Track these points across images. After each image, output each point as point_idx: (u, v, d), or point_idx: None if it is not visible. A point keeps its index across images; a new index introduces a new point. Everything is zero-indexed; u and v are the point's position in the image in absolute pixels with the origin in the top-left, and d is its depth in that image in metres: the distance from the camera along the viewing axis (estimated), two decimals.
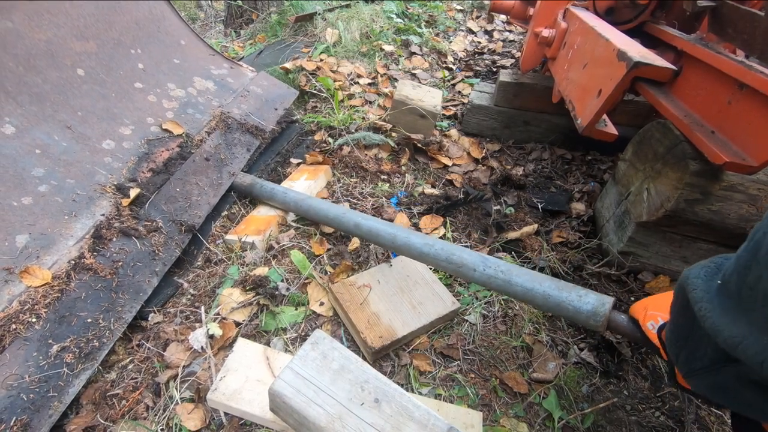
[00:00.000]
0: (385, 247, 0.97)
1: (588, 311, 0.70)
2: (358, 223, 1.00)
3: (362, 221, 0.99)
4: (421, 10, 2.40)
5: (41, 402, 0.70)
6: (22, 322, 0.75)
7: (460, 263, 0.84)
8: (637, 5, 1.21)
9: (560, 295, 0.73)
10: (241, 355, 0.78)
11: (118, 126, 1.10)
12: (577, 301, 0.71)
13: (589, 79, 1.03)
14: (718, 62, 0.81)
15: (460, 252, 0.85)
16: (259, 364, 0.77)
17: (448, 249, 0.86)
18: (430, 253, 0.87)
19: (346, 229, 1.04)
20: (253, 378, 0.75)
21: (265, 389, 0.73)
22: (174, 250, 0.98)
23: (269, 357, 0.79)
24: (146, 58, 1.26)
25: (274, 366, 0.77)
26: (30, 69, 1.00)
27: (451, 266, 0.85)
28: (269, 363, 0.78)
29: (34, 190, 0.89)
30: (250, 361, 0.77)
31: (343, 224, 1.03)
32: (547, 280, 0.77)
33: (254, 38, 2.45)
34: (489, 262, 0.82)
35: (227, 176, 1.18)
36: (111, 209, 0.95)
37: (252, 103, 1.38)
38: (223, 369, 0.76)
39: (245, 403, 0.71)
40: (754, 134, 0.73)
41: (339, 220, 1.03)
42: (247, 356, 0.78)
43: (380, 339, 0.82)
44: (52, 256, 0.84)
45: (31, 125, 0.96)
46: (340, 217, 1.03)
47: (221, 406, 0.73)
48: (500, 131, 1.68)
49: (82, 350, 0.77)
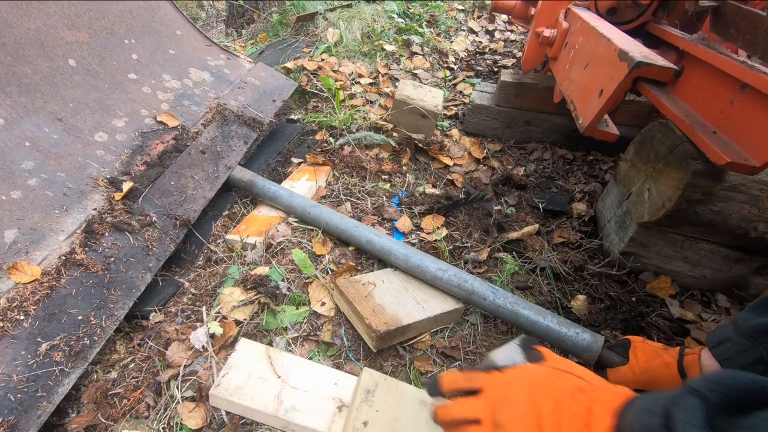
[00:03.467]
0: (397, 266, 0.99)
1: (583, 346, 0.81)
2: (371, 239, 1.01)
3: (375, 238, 1.01)
4: (423, 9, 2.38)
5: (29, 402, 0.67)
6: (10, 319, 0.72)
7: (471, 291, 0.91)
8: (639, 5, 1.21)
9: (560, 330, 0.84)
10: (244, 353, 0.78)
11: (111, 118, 1.07)
12: (575, 337, 0.82)
13: (591, 79, 1.02)
14: (720, 62, 0.81)
15: (473, 280, 0.92)
16: (261, 363, 0.77)
17: (460, 276, 0.93)
18: (443, 278, 0.93)
19: (356, 243, 1.05)
20: (256, 375, 0.75)
21: (267, 386, 0.73)
22: (168, 245, 0.95)
23: (271, 356, 0.78)
24: (140, 49, 1.23)
25: (276, 364, 0.77)
26: (19, 59, 0.97)
27: (462, 292, 0.92)
28: (271, 362, 0.77)
29: (24, 183, 0.86)
30: (252, 359, 0.77)
31: (354, 238, 1.04)
32: (549, 315, 0.86)
33: (255, 38, 2.42)
34: (498, 293, 0.90)
35: (224, 169, 1.16)
36: (103, 203, 0.92)
37: (249, 95, 1.36)
38: (225, 367, 0.76)
39: (248, 398, 0.71)
40: (756, 134, 0.73)
41: (350, 233, 1.04)
42: (249, 355, 0.78)
43: (385, 324, 0.82)
44: (41, 251, 0.81)
45: (21, 117, 0.93)
46: (351, 230, 1.04)
47: (223, 403, 0.73)
48: (501, 131, 1.67)
49: (73, 348, 0.74)
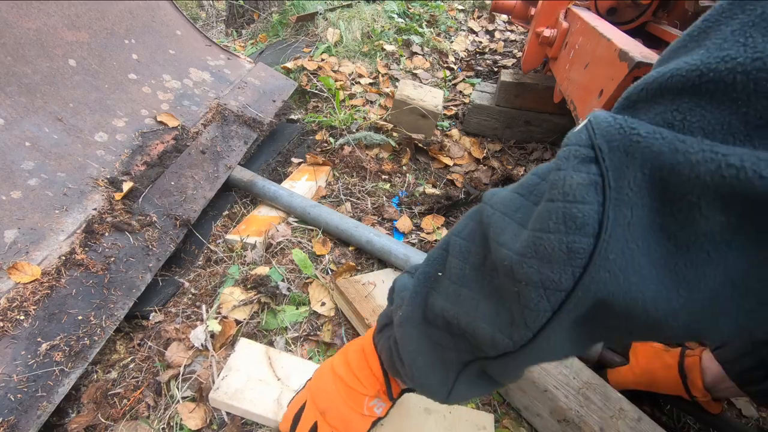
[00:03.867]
0: (397, 266, 0.99)
1: None
2: (371, 239, 1.01)
3: (375, 238, 1.01)
4: (423, 9, 2.38)
5: (29, 402, 0.67)
6: (10, 319, 0.72)
7: None
8: (639, 5, 1.21)
9: None
10: (243, 354, 0.78)
11: (112, 118, 1.07)
12: None
13: (591, 79, 1.02)
14: None
15: None
16: (261, 365, 0.76)
17: None
18: None
19: (356, 243, 1.05)
20: (255, 377, 0.74)
21: (267, 389, 0.73)
22: (168, 245, 0.95)
23: (271, 357, 0.78)
24: (140, 49, 1.23)
25: (276, 366, 0.76)
26: (19, 59, 0.97)
27: None
28: (271, 363, 0.77)
29: (24, 183, 0.86)
30: (252, 360, 0.77)
31: (354, 238, 1.04)
32: None
33: (256, 38, 2.42)
34: None
35: (224, 169, 1.16)
36: (103, 203, 0.92)
37: (249, 95, 1.36)
38: (225, 368, 0.75)
39: (247, 402, 0.71)
40: None
41: (350, 233, 1.04)
42: (249, 356, 0.77)
43: None
44: (41, 251, 0.81)
45: (21, 117, 0.93)
46: (351, 230, 1.04)
47: (223, 406, 0.72)
48: (501, 131, 1.67)
49: (73, 348, 0.74)
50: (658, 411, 0.84)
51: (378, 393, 0.54)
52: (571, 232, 0.26)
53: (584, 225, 0.26)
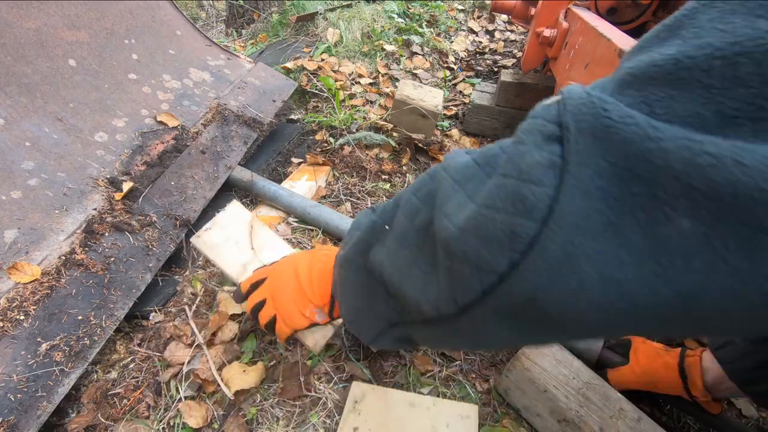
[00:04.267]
0: None
1: (583, 348, 0.83)
2: None
3: None
4: (423, 9, 2.38)
5: (29, 402, 0.68)
6: (10, 319, 0.72)
7: None
8: (639, 5, 1.21)
9: None
10: (231, 214, 0.85)
11: (111, 118, 1.07)
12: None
13: (591, 79, 1.01)
14: None
15: None
16: (243, 230, 0.84)
17: None
18: None
19: None
20: (233, 239, 0.82)
21: (239, 253, 0.81)
22: (168, 245, 0.95)
23: (254, 227, 0.85)
24: (140, 49, 1.23)
25: (255, 235, 0.84)
26: (18, 59, 0.97)
27: None
28: (252, 231, 0.84)
29: (24, 183, 0.86)
30: (236, 222, 0.84)
31: None
32: None
33: (256, 38, 2.42)
34: None
35: (224, 169, 1.16)
36: (103, 203, 0.92)
37: (249, 95, 1.36)
38: (211, 222, 0.83)
39: (220, 257, 0.80)
40: None
41: None
42: (235, 218, 0.85)
43: None
44: (41, 251, 0.81)
45: (21, 117, 0.93)
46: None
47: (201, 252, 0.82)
48: (501, 131, 1.67)
49: (72, 349, 0.74)
50: (658, 411, 0.84)
51: (322, 306, 0.59)
52: (518, 213, 0.24)
53: (533, 208, 0.24)
